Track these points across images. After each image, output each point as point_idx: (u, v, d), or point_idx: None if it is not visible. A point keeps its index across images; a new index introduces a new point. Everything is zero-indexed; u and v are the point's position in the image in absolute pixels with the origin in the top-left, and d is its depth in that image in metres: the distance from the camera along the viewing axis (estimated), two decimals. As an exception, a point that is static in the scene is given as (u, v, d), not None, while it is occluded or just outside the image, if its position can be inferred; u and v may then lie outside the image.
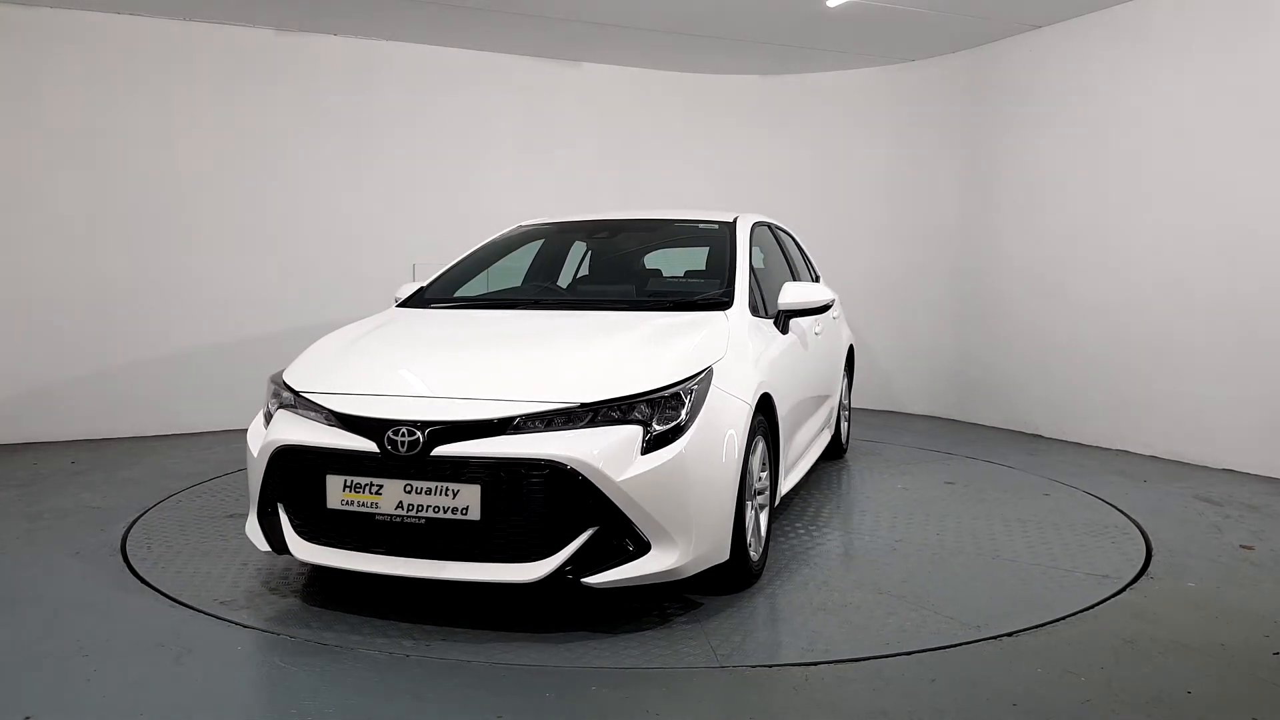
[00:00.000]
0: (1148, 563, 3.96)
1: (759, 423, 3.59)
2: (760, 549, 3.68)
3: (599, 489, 2.97)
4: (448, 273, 4.64)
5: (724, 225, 4.60)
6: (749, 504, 3.50)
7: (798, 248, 5.64)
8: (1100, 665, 2.92)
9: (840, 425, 5.94)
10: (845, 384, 6.04)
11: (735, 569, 3.42)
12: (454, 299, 4.43)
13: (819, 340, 4.98)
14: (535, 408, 3.08)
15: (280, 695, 2.76)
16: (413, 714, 2.60)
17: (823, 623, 3.27)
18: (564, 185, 7.95)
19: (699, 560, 3.18)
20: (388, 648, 3.02)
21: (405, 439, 3.05)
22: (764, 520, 3.77)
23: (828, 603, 3.46)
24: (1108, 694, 2.73)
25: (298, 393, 3.41)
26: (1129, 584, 3.69)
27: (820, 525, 4.52)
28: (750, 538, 3.52)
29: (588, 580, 3.01)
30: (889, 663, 2.93)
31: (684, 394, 3.19)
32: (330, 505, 3.15)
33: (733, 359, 3.50)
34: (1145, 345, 6.19)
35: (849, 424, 6.30)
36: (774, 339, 4.14)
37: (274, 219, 7.11)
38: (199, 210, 6.90)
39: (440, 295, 4.45)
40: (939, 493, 5.20)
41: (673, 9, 6.52)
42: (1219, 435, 5.79)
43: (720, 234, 4.54)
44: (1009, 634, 3.16)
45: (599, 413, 3.09)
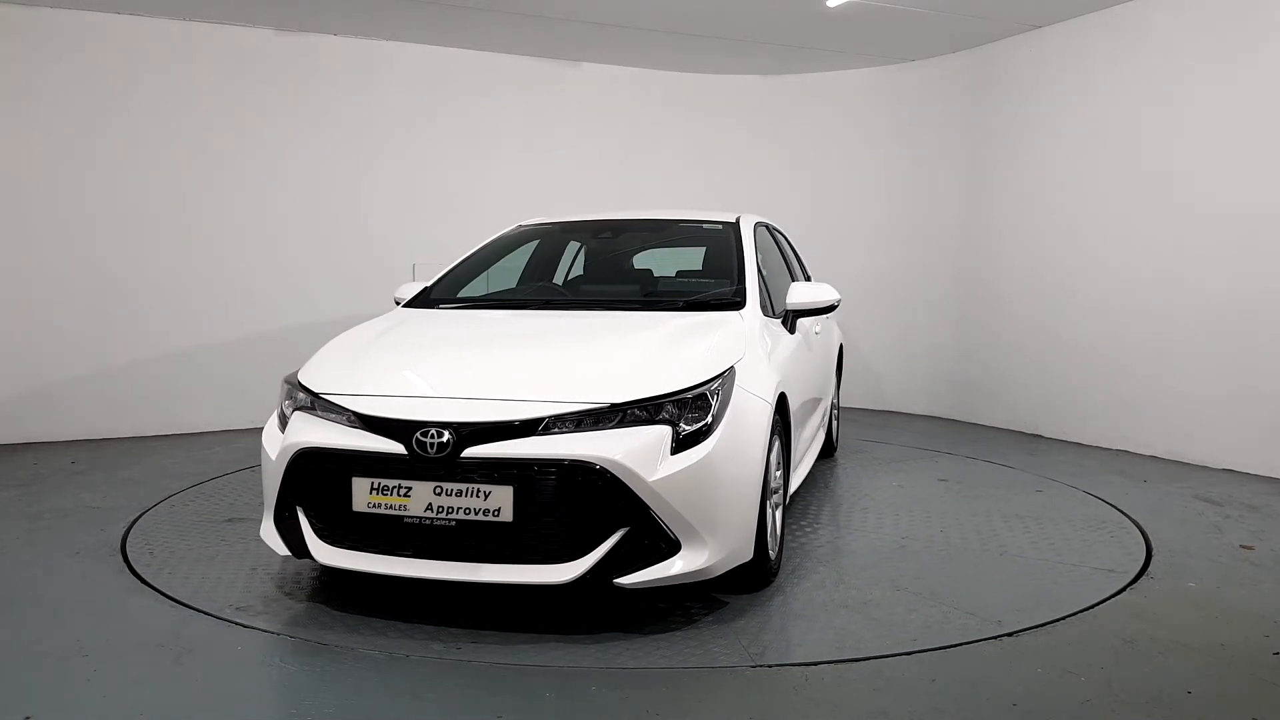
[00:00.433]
0: (1148, 562, 3.96)
1: (775, 422, 3.59)
2: (776, 548, 3.69)
3: (631, 490, 2.96)
4: (451, 273, 4.62)
5: (728, 225, 4.60)
6: (768, 503, 3.51)
7: (790, 248, 5.66)
8: (1100, 665, 2.92)
9: (831, 424, 5.96)
10: (835, 383, 6.06)
11: (757, 568, 3.43)
12: (461, 299, 4.42)
13: (818, 340, 5.00)
14: (564, 408, 3.07)
15: (280, 695, 2.76)
16: (413, 714, 2.60)
17: (847, 620, 3.28)
18: (564, 185, 7.94)
19: (727, 559, 3.19)
20: (388, 648, 3.02)
21: (435, 440, 3.02)
22: (779, 519, 3.77)
23: (849, 600, 3.47)
24: (1108, 694, 2.73)
25: (316, 394, 3.35)
26: (1129, 584, 3.69)
27: (823, 524, 4.52)
28: (769, 537, 3.52)
29: (619, 581, 3.01)
30: (889, 663, 2.93)
31: (710, 394, 3.19)
32: (356, 508, 3.11)
33: (751, 359, 3.50)
34: (1145, 345, 6.19)
35: (838, 423, 6.32)
36: (783, 339, 4.14)
37: (274, 219, 7.10)
38: (199, 210, 6.89)
39: (446, 295, 4.42)
40: (934, 490, 5.23)
41: (673, 9, 6.52)
42: (1219, 435, 5.79)
43: (724, 234, 4.54)
44: (1009, 634, 3.16)
45: (627, 413, 3.08)
